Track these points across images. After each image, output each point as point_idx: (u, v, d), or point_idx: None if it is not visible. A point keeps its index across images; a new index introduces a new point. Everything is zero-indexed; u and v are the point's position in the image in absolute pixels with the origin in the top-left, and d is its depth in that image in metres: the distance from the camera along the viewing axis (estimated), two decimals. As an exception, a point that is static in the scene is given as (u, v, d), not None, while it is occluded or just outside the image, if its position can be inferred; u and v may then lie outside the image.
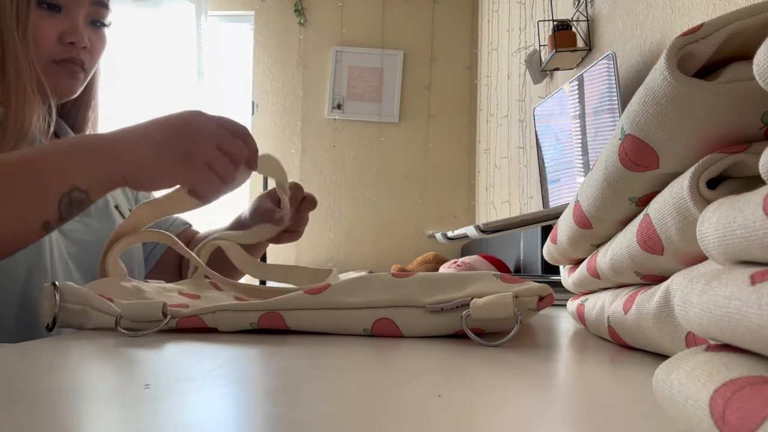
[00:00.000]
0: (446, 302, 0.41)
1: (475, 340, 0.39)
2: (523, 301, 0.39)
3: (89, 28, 0.72)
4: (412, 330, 0.43)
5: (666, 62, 0.26)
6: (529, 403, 0.24)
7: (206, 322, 0.45)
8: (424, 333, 0.43)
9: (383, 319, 0.42)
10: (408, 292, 0.43)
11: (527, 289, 0.40)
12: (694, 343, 0.30)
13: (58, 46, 0.69)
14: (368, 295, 0.43)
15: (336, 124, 3.14)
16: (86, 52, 0.72)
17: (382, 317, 0.43)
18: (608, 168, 0.34)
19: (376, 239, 3.11)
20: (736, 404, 0.14)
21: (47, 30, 0.67)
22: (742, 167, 0.27)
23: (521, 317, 0.39)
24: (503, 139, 2.63)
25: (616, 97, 1.31)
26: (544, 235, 1.64)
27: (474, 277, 0.43)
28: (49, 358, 0.33)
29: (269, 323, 0.45)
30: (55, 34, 0.68)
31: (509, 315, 0.38)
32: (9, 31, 0.63)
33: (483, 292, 0.41)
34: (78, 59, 0.70)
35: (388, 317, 0.42)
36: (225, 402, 0.24)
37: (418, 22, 3.20)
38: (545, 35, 1.86)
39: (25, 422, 0.20)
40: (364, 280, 0.45)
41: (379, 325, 0.43)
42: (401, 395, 0.25)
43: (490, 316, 0.39)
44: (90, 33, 0.72)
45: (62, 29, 0.68)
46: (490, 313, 0.38)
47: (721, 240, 0.18)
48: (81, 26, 0.70)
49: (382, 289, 0.44)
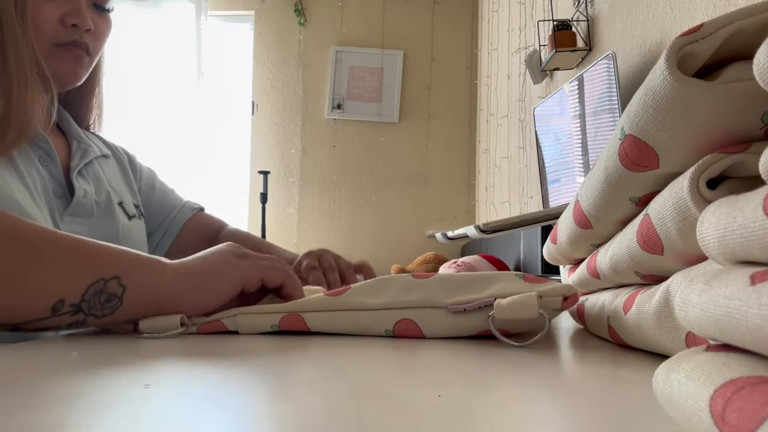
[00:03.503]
0: (468, 303, 0.40)
1: (503, 340, 0.39)
2: (547, 301, 0.39)
3: (93, 11, 0.70)
4: (434, 331, 0.42)
5: (666, 62, 0.26)
6: (530, 403, 0.24)
7: (227, 326, 0.45)
8: (446, 334, 0.42)
9: (405, 320, 0.42)
10: (429, 292, 0.42)
11: (551, 289, 0.39)
12: (694, 343, 0.30)
13: (60, 28, 0.66)
14: (389, 296, 0.43)
15: (336, 124, 3.14)
16: (90, 36, 0.69)
17: (403, 318, 0.42)
18: (608, 168, 0.34)
19: (376, 239, 3.11)
20: (736, 404, 0.14)
21: (48, 12, 0.65)
22: (742, 167, 0.27)
23: (549, 317, 0.38)
24: (503, 139, 2.63)
25: (616, 97, 1.31)
26: (544, 235, 1.64)
27: (496, 278, 0.43)
28: (50, 359, 0.33)
29: (290, 325, 0.44)
30: (57, 17, 0.66)
31: (534, 315, 0.37)
32: (8, 15, 0.61)
33: (506, 293, 0.40)
34: (82, 42, 0.68)
35: (410, 318, 0.42)
36: (224, 402, 0.24)
37: (418, 22, 3.20)
38: (545, 35, 1.86)
39: (26, 422, 0.20)
40: (384, 281, 0.45)
41: (400, 325, 0.42)
42: (401, 395, 0.25)
43: (515, 317, 0.38)
44: (94, 16, 0.70)
45: (64, 11, 0.66)
46: (515, 313, 0.38)
47: (721, 240, 0.18)
48: (84, 8, 0.68)
49: (403, 290, 0.43)
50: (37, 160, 0.66)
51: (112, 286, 0.42)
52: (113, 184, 0.77)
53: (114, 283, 0.43)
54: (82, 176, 0.71)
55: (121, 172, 0.82)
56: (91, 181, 0.72)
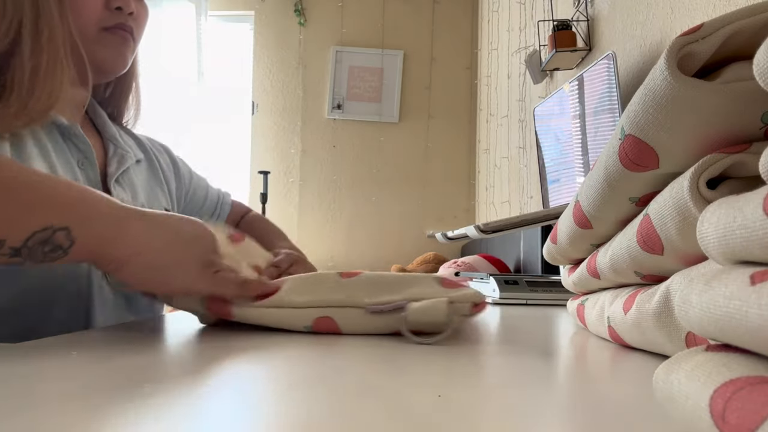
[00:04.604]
0: (386, 304, 0.43)
1: (412, 339, 0.41)
2: (457, 306, 0.42)
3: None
4: (350, 328, 0.45)
5: (666, 62, 0.26)
6: (529, 403, 0.24)
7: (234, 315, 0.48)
8: (362, 331, 0.45)
9: (325, 317, 0.45)
10: (352, 292, 0.46)
11: (462, 296, 0.43)
12: (694, 343, 0.30)
13: (105, 12, 0.67)
14: (317, 294, 0.46)
15: (336, 124, 3.14)
16: (133, 20, 0.70)
17: (323, 315, 0.45)
18: (608, 168, 0.34)
19: (376, 239, 3.11)
20: (736, 404, 0.14)
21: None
22: (742, 167, 0.27)
23: (454, 323, 0.41)
24: (503, 139, 2.63)
25: (616, 97, 1.31)
26: (544, 235, 1.64)
27: (416, 281, 0.46)
28: (50, 359, 0.33)
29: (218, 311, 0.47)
30: (101, 1, 0.67)
31: (443, 320, 0.41)
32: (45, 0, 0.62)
33: (421, 296, 0.43)
34: (127, 25, 0.69)
35: (329, 315, 0.45)
36: (223, 402, 0.24)
37: (418, 22, 3.20)
38: (545, 35, 1.86)
39: (25, 423, 0.20)
40: (316, 278, 0.48)
41: (319, 322, 0.45)
42: (401, 395, 0.25)
43: (425, 320, 0.41)
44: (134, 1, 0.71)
45: None
46: (426, 317, 0.41)
47: (721, 240, 0.18)
48: None
49: (330, 289, 0.46)
50: (76, 164, 0.65)
51: (60, 237, 0.40)
52: (145, 191, 0.77)
53: (62, 235, 0.40)
54: (119, 184, 0.70)
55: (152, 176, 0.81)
56: (128, 188, 0.72)
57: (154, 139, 0.89)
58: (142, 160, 0.80)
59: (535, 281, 0.87)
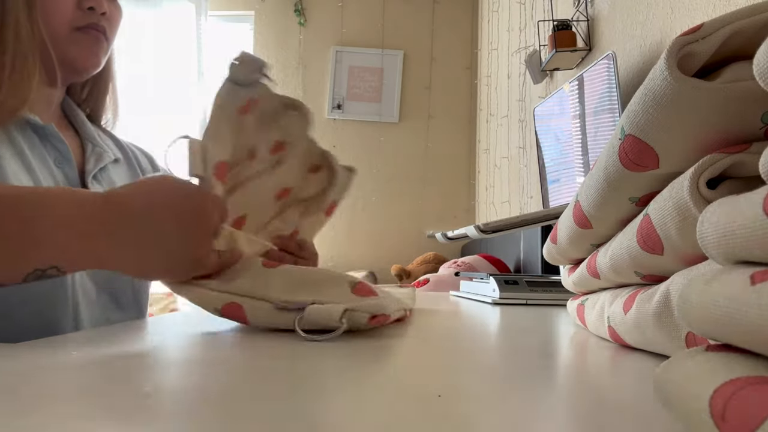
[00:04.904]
0: (292, 304, 0.46)
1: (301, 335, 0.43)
2: (355, 315, 0.44)
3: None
4: (257, 320, 0.47)
5: (666, 62, 0.26)
6: (529, 403, 0.24)
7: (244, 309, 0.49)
8: (268, 325, 0.47)
9: (234, 303, 0.47)
10: (268, 284, 0.48)
11: (361, 305, 0.44)
12: (694, 343, 0.30)
13: (78, 12, 0.67)
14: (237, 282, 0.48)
15: (336, 124, 3.14)
16: (106, 20, 0.70)
17: (233, 302, 0.47)
18: (608, 168, 0.34)
19: (376, 239, 3.11)
20: (736, 404, 0.14)
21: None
22: (742, 167, 0.27)
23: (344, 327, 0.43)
24: (503, 139, 2.63)
25: (616, 97, 1.31)
26: (544, 235, 1.64)
27: (332, 280, 0.49)
28: (50, 359, 0.33)
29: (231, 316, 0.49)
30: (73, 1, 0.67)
31: (335, 325, 0.43)
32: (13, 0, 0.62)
33: (328, 301, 0.45)
34: (100, 26, 0.69)
35: (239, 303, 0.47)
36: (224, 404, 0.24)
37: (418, 22, 3.20)
38: (545, 35, 1.86)
39: (25, 423, 0.20)
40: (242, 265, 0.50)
41: (227, 308, 0.47)
42: (401, 395, 0.25)
43: (318, 325, 0.43)
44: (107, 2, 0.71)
45: None
46: (321, 319, 0.43)
47: (721, 240, 0.18)
48: None
49: (251, 277, 0.49)
50: (52, 162, 0.65)
51: (51, 273, 0.44)
52: None
53: (53, 271, 0.44)
54: (97, 180, 0.71)
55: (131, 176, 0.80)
56: (106, 185, 0.72)
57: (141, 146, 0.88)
58: (120, 159, 0.80)
59: (535, 281, 0.87)
